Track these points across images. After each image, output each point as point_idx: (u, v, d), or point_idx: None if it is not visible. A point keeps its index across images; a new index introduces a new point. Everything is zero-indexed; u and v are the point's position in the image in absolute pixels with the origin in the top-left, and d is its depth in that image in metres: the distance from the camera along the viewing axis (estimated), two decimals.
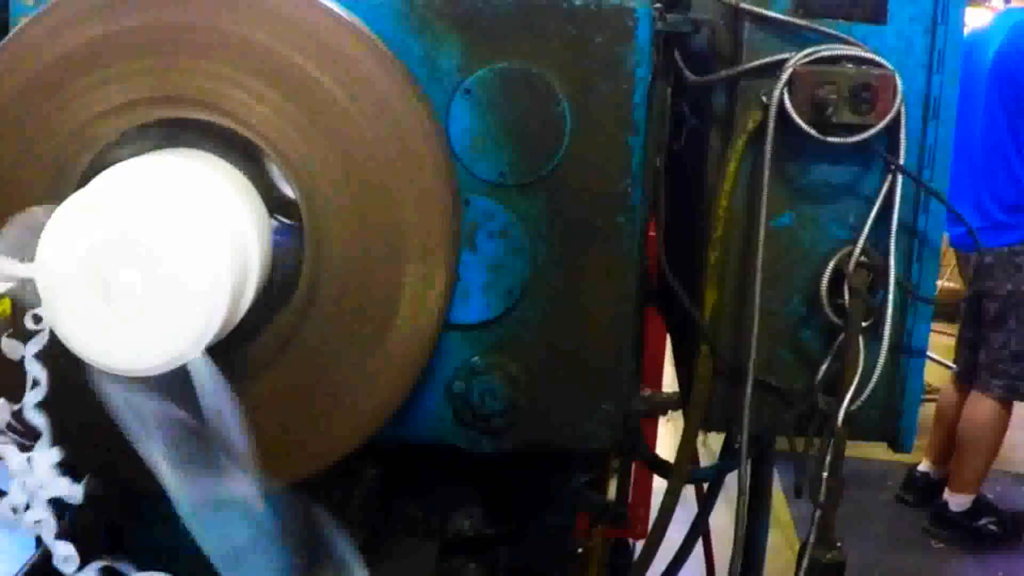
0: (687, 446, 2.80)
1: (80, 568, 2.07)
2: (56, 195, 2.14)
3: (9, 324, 2.04)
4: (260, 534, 2.54)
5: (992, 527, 7.21)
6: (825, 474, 2.60)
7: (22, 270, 1.97)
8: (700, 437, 2.89)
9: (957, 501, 7.20)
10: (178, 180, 2.11)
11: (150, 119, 2.31)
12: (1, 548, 2.09)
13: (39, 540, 2.09)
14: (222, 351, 2.23)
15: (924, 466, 7.60)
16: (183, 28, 2.32)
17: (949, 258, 8.22)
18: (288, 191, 2.41)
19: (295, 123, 2.32)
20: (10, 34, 2.37)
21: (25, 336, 1.99)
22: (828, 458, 2.59)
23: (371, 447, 2.53)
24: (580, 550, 3.57)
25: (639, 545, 4.41)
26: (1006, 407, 7.07)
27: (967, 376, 7.24)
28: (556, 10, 2.45)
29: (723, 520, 3.49)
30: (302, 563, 2.74)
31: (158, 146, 2.31)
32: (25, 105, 2.33)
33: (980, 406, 7.07)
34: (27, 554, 2.18)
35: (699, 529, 3.59)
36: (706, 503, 3.54)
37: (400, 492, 2.99)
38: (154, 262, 1.93)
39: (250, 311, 2.22)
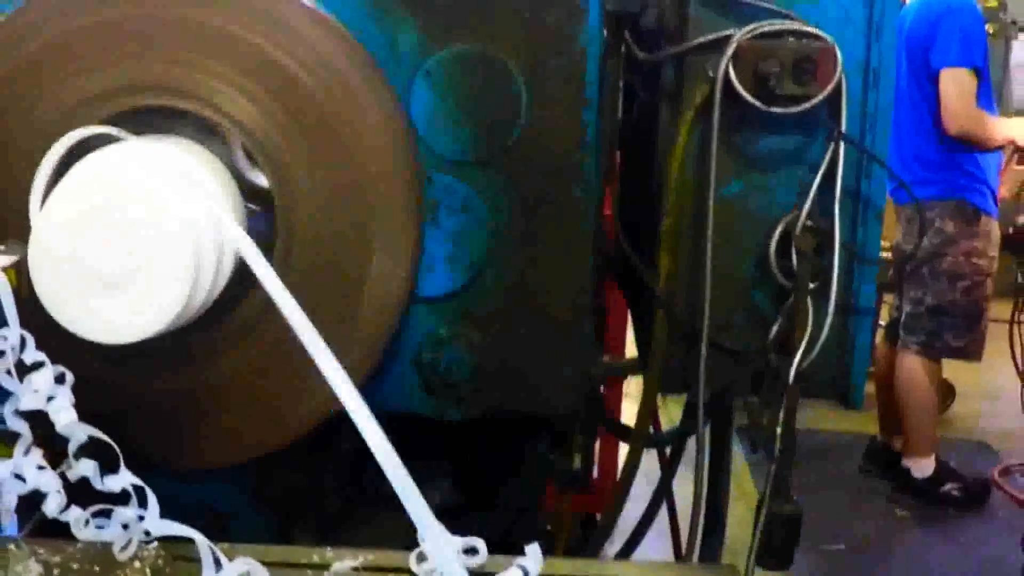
0: (646, 406, 2.88)
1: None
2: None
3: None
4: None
5: (955, 493, 7.25)
6: (779, 429, 2.68)
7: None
8: (662, 405, 2.96)
9: (918, 467, 7.25)
10: (155, 164, 2.20)
11: (128, 107, 2.40)
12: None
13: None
14: (200, 326, 2.33)
15: (881, 436, 7.66)
16: (158, 19, 2.41)
17: None
18: (255, 179, 2.50)
19: (264, 107, 2.41)
20: None
21: (30, 304, 2.08)
22: (782, 413, 2.68)
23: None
24: (548, 527, 3.64)
25: None
26: (932, 361, 7.12)
27: (894, 330, 7.29)
28: None
29: (687, 487, 3.57)
30: (279, 527, 2.83)
31: (137, 132, 2.39)
32: (9, 94, 2.42)
33: (906, 364, 7.10)
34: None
35: (662, 494, 3.67)
36: (669, 467, 3.62)
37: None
38: (133, 243, 2.05)
39: (226, 287, 2.31)
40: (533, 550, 2.23)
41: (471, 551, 2.21)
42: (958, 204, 6.84)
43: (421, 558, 2.20)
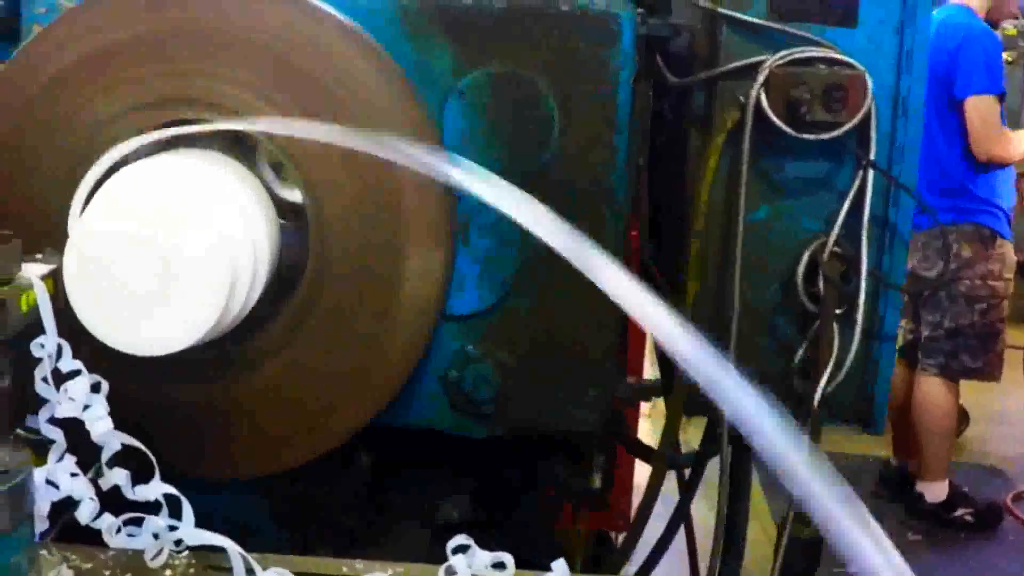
0: (670, 430, 2.89)
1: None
2: (72, 193, 2.27)
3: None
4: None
5: (968, 518, 7.22)
6: None
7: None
8: (682, 425, 2.98)
9: (932, 492, 7.23)
10: (188, 182, 2.22)
11: (160, 120, 2.42)
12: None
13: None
14: (232, 339, 2.35)
15: (895, 459, 7.64)
16: (191, 34, 2.43)
17: None
18: (285, 193, 2.52)
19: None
20: (27, 41, 2.48)
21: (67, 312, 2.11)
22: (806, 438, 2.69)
23: (366, 433, 2.63)
24: (562, 544, 3.65)
25: (622, 539, 4.48)
26: (949, 385, 7.11)
27: (909, 354, 7.29)
28: (543, 15, 2.55)
29: (704, 512, 3.57)
30: (300, 542, 2.84)
31: (171, 146, 2.41)
32: (40, 109, 2.45)
33: (924, 387, 7.09)
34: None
35: (681, 516, 3.67)
36: (688, 490, 3.62)
37: (391, 480, 3.07)
38: (167, 257, 2.06)
39: (258, 303, 2.33)
40: (559, 566, 2.24)
41: (499, 566, 2.22)
42: (975, 228, 6.85)
43: (450, 572, 2.21)
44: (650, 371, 4.62)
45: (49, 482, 2.15)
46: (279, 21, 2.44)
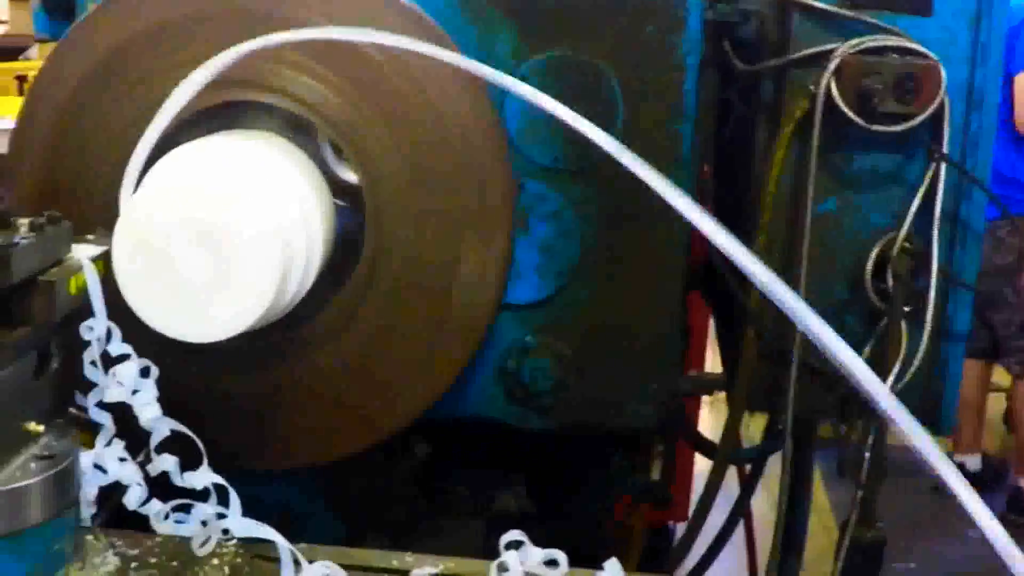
0: (733, 424, 2.84)
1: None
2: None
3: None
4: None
5: None
6: (867, 455, 2.64)
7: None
8: (744, 420, 2.93)
9: None
10: (242, 163, 2.18)
11: (216, 101, 2.38)
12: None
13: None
14: (285, 326, 2.31)
15: (958, 456, 7.61)
16: (251, 13, 2.39)
17: None
18: (345, 175, 2.48)
19: (357, 107, 2.39)
20: (83, 16, 2.45)
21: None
22: (870, 439, 2.63)
23: (421, 424, 2.59)
24: (622, 527, 3.61)
25: (680, 528, 4.45)
26: None
27: (980, 353, 7.25)
28: None
29: (764, 505, 3.53)
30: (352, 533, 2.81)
31: (225, 127, 2.38)
32: (91, 89, 2.41)
33: (1021, 390, 7.16)
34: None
35: (740, 511, 3.63)
36: (748, 485, 3.57)
37: (447, 470, 3.04)
38: (218, 242, 2.00)
39: (312, 288, 2.29)
40: (612, 564, 2.20)
41: (552, 563, 2.18)
42: None
43: (502, 568, 2.17)
44: (712, 364, 4.56)
45: (97, 467, 2.13)
46: (339, 4, 2.40)
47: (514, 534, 2.17)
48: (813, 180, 2.56)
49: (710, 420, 5.89)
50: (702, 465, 3.15)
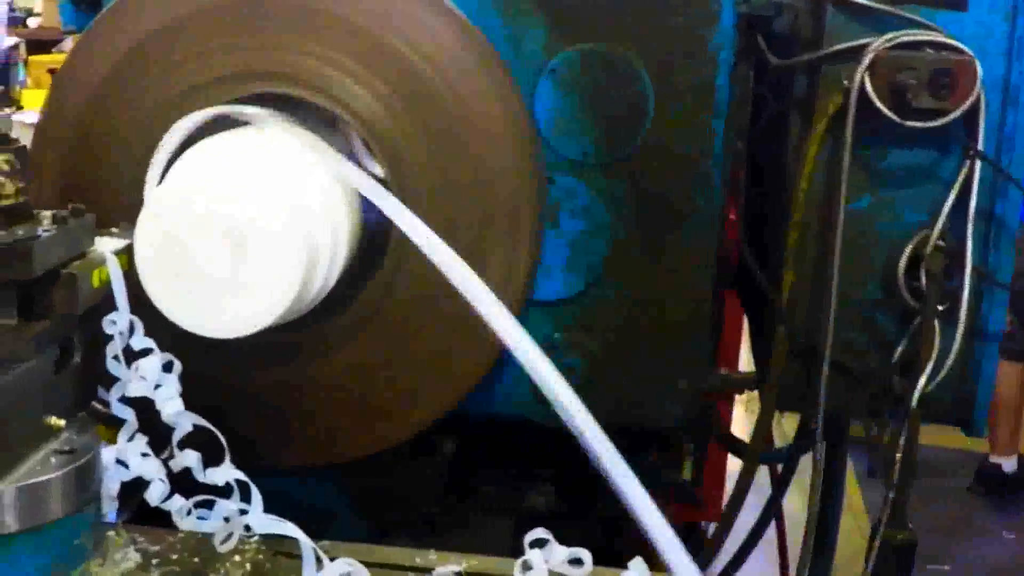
0: (763, 424, 2.81)
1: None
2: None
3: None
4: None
5: None
6: (899, 455, 2.61)
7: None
8: (775, 419, 2.90)
9: None
10: (265, 157, 2.16)
11: (244, 93, 2.36)
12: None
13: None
14: (310, 321, 2.29)
15: (994, 457, 7.57)
16: (277, 5, 2.37)
17: None
18: (375, 169, 2.46)
19: (383, 99, 2.37)
20: (107, 7, 2.44)
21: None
22: (902, 439, 2.60)
23: (448, 421, 2.57)
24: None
25: (712, 528, 4.41)
26: None
27: (1018, 355, 7.20)
28: None
29: (796, 504, 3.49)
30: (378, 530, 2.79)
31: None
32: (118, 80, 2.40)
33: None
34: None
35: (772, 511, 3.60)
36: (780, 485, 3.55)
37: (475, 468, 3.02)
38: (240, 237, 1.98)
39: (338, 282, 2.26)
40: (637, 563, 2.17)
41: (576, 562, 2.15)
42: None
43: (526, 567, 2.14)
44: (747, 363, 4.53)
45: (119, 462, 2.11)
46: None
47: (538, 532, 2.15)
48: (846, 177, 2.53)
49: (745, 419, 5.85)
50: (735, 464, 3.11)
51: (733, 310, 3.84)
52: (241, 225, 1.97)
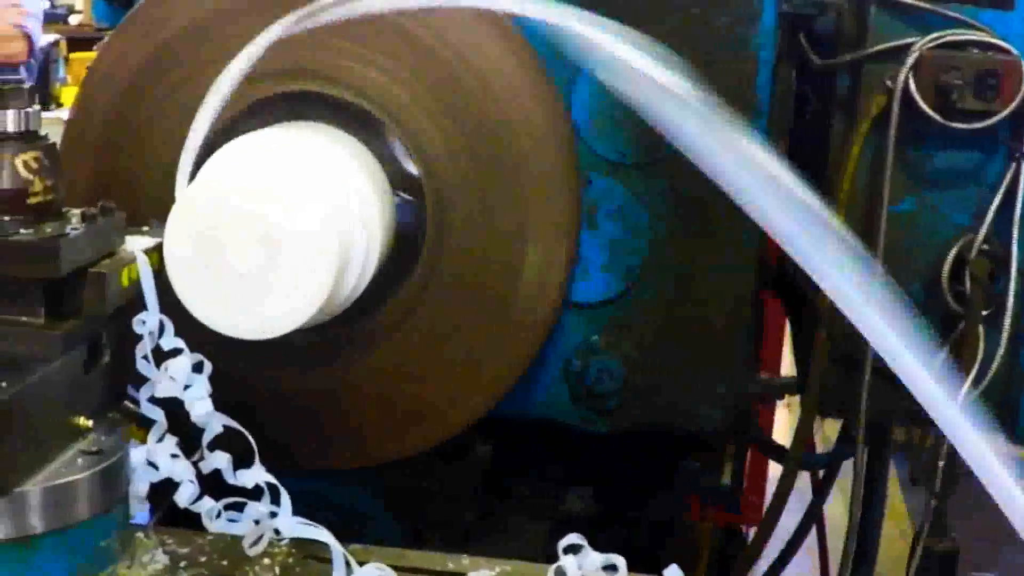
0: (802, 431, 2.78)
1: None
2: None
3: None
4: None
5: None
6: (941, 463, 2.57)
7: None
8: (817, 423, 2.86)
9: None
10: (299, 156, 2.13)
11: (275, 92, 2.34)
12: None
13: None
14: (343, 322, 2.26)
15: None
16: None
17: None
18: (408, 167, 2.43)
19: (418, 99, 2.34)
20: (138, 4, 2.42)
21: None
22: (944, 447, 2.56)
23: (484, 423, 2.55)
24: (691, 530, 3.57)
25: (752, 532, 4.38)
26: None
27: None
28: None
29: (838, 508, 3.46)
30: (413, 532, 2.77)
31: (286, 118, 2.33)
32: (154, 74, 2.38)
33: None
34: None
35: (813, 516, 3.57)
36: (821, 491, 3.51)
37: (511, 470, 3.00)
38: (271, 236, 1.94)
39: (371, 283, 2.24)
40: (673, 570, 2.14)
41: (611, 568, 2.13)
42: None
43: (560, 572, 2.12)
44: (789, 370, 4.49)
45: (149, 463, 2.09)
46: None
47: (572, 538, 2.12)
48: (889, 178, 2.49)
49: (788, 422, 5.80)
50: (776, 468, 3.08)
51: (776, 313, 3.81)
52: (272, 224, 1.94)
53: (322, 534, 2.05)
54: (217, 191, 1.97)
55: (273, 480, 2.08)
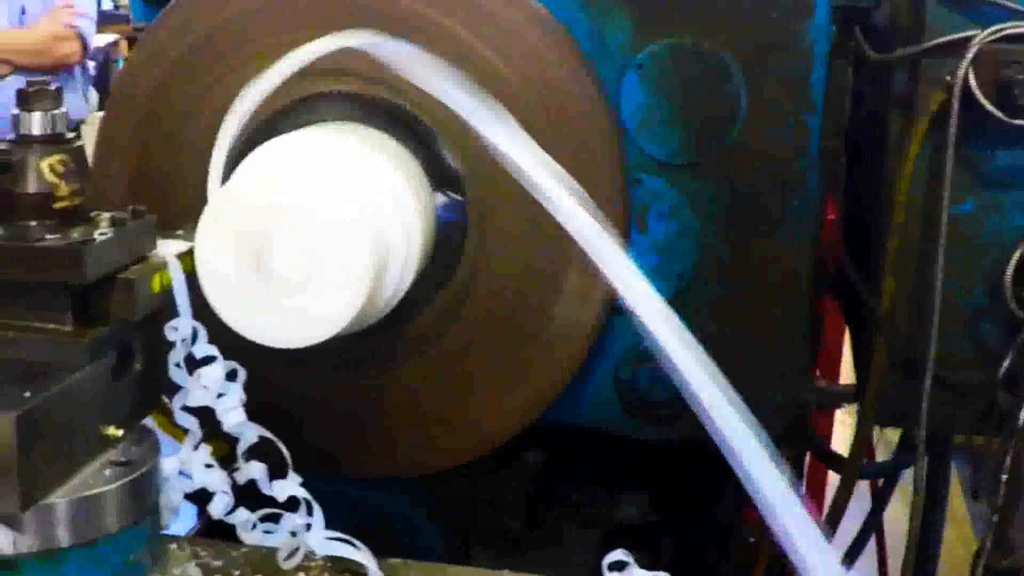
0: (860, 440, 2.71)
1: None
2: None
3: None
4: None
5: None
6: (1004, 476, 2.49)
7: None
8: (878, 433, 2.80)
9: None
10: (337, 159, 2.07)
11: (316, 91, 2.30)
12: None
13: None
14: (382, 328, 2.21)
15: None
16: (347, 2, 2.31)
17: None
18: (454, 165, 2.38)
19: None
20: (172, 2, 2.39)
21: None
22: (1007, 459, 2.48)
23: (533, 431, 2.50)
24: (751, 540, 3.51)
25: None
26: None
27: None
28: None
29: (898, 515, 3.39)
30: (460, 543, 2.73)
31: (323, 119, 2.28)
32: (188, 73, 2.35)
33: None
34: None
35: (872, 525, 3.50)
36: (880, 500, 3.44)
37: (561, 478, 2.94)
38: (307, 240, 1.88)
39: (411, 289, 2.18)
40: None
41: None
42: None
43: None
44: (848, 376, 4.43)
45: (183, 473, 2.04)
46: None
47: (617, 554, 2.06)
48: (950, 178, 2.41)
49: (849, 429, 5.74)
50: (836, 476, 3.03)
51: (835, 318, 3.75)
52: (308, 228, 1.88)
53: (356, 554, 2.00)
54: (250, 193, 1.91)
55: (307, 494, 2.03)
